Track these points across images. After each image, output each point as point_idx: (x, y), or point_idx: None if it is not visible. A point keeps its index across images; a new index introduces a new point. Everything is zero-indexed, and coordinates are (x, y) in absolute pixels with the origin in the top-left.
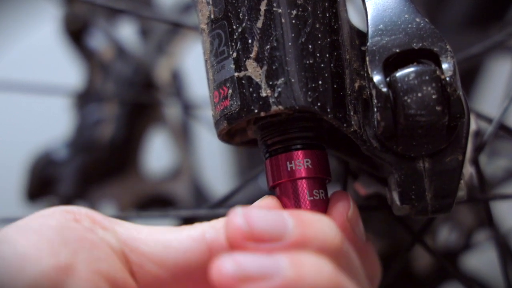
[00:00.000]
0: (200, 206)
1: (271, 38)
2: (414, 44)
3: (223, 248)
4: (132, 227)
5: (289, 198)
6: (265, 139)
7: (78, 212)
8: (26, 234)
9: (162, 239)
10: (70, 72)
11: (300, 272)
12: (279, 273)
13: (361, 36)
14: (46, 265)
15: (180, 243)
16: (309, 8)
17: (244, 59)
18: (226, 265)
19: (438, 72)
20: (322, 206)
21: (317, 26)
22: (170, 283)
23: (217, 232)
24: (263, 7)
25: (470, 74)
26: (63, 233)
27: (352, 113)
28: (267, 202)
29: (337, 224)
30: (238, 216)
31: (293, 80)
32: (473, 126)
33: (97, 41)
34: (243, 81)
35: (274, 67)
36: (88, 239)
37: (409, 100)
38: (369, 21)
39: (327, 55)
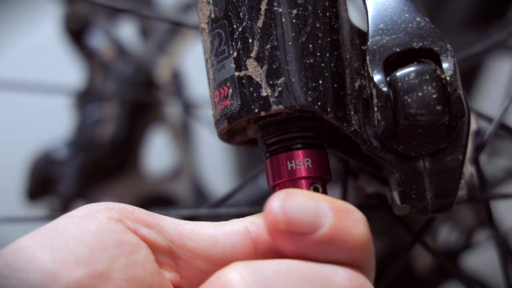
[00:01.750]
0: (200, 206)
1: (272, 38)
2: (415, 44)
3: (267, 242)
4: (177, 223)
5: None
6: (265, 138)
7: (122, 211)
8: (65, 240)
9: (209, 235)
10: (70, 72)
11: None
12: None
13: (362, 35)
14: (82, 273)
15: (226, 239)
16: (310, 8)
17: (245, 59)
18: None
19: (438, 72)
20: None
21: (318, 25)
22: None
23: (258, 227)
24: (263, 6)
25: (470, 73)
26: (102, 237)
27: (352, 113)
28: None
29: (279, 238)
30: (276, 203)
31: (293, 80)
32: (473, 125)
33: (98, 41)
34: (244, 81)
35: (274, 66)
36: (127, 243)
37: (409, 100)
38: (369, 20)
39: (328, 55)
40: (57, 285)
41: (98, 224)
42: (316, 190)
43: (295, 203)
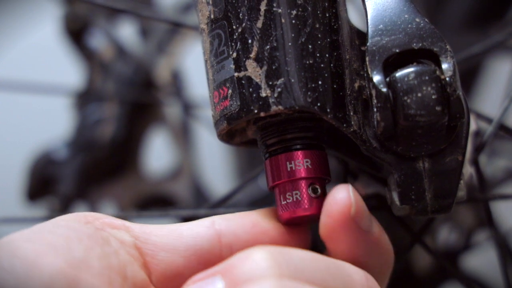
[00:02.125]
0: (200, 206)
1: (271, 38)
2: (414, 44)
3: (233, 235)
4: (143, 224)
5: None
6: (265, 139)
7: (88, 215)
8: (41, 233)
9: (173, 229)
10: (70, 72)
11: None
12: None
13: (361, 36)
14: (62, 261)
15: (190, 230)
16: (309, 8)
17: (244, 59)
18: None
19: (438, 72)
20: (321, 206)
21: (317, 26)
22: (183, 269)
23: (228, 221)
24: (263, 7)
25: (470, 74)
26: (75, 230)
27: (351, 113)
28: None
29: (341, 225)
30: (346, 192)
31: (293, 80)
32: (473, 126)
33: (97, 41)
34: (243, 81)
35: (274, 67)
36: (99, 236)
37: (408, 100)
38: (369, 21)
39: (327, 55)
40: (40, 275)
41: (69, 222)
42: (314, 190)
43: (359, 196)
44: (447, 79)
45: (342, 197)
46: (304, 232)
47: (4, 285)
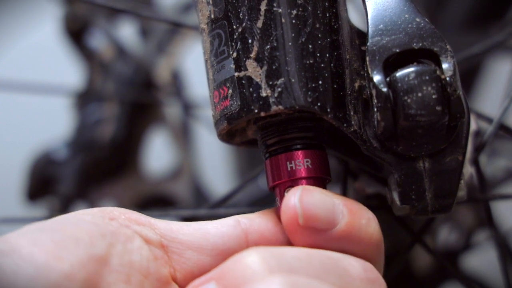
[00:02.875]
0: (200, 206)
1: (271, 38)
2: (414, 44)
3: (259, 234)
4: (167, 222)
5: None
6: (265, 139)
7: (114, 210)
8: (65, 225)
9: (199, 227)
10: (70, 72)
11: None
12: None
13: (361, 36)
14: (84, 255)
15: (217, 229)
16: (309, 8)
17: (244, 59)
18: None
19: (438, 72)
20: None
21: (317, 26)
22: (209, 268)
23: (251, 220)
24: (263, 7)
25: (470, 74)
26: (99, 227)
27: (352, 113)
28: None
29: (296, 231)
30: (294, 198)
31: (293, 80)
32: (473, 126)
33: (97, 41)
34: (243, 81)
35: (274, 67)
36: (122, 233)
37: (409, 100)
38: (369, 21)
39: (327, 55)
40: (60, 266)
41: (94, 217)
42: None
43: (313, 198)
44: (448, 79)
45: (290, 206)
46: None
47: (24, 273)
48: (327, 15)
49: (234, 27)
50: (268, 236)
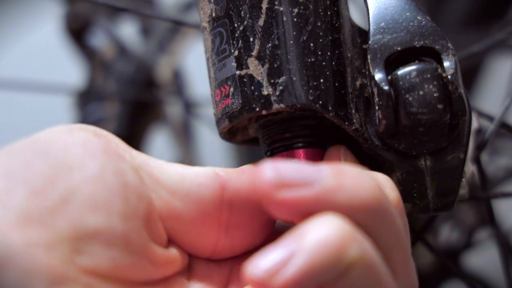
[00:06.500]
0: None
1: (273, 36)
2: (416, 42)
3: (235, 190)
4: (147, 156)
5: None
6: (266, 137)
7: (94, 129)
8: (53, 150)
9: (178, 170)
10: (71, 71)
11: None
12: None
13: (363, 34)
14: (78, 177)
15: (195, 176)
16: (311, 6)
17: (246, 57)
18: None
19: (439, 70)
20: None
21: (319, 24)
22: (180, 214)
23: (229, 175)
24: (264, 5)
25: (471, 72)
26: (88, 147)
27: (353, 111)
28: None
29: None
30: (268, 169)
31: (294, 78)
32: (474, 124)
33: (99, 40)
34: (245, 79)
35: (275, 65)
36: (113, 151)
37: (410, 98)
38: (370, 19)
39: (329, 53)
40: (57, 190)
41: (79, 137)
42: None
43: (287, 163)
44: (449, 77)
45: (261, 169)
46: None
47: (39, 170)
48: (329, 13)
49: (236, 25)
50: (244, 195)
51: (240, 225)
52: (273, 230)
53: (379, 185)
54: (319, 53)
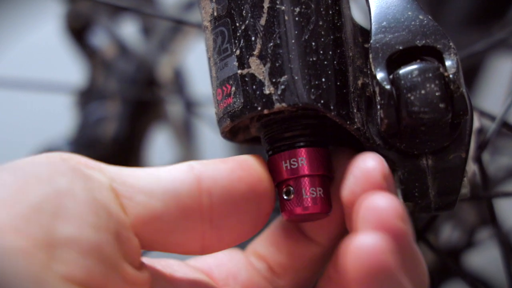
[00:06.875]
0: None
1: (274, 36)
2: (418, 41)
3: (212, 181)
4: (118, 167)
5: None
6: (268, 136)
7: (63, 155)
8: (22, 165)
9: (151, 172)
10: (72, 70)
11: None
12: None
13: (364, 33)
14: (48, 189)
15: (168, 173)
16: (312, 6)
17: (247, 57)
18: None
19: (441, 69)
20: (324, 203)
21: (320, 23)
22: (161, 213)
23: (205, 166)
24: (266, 4)
25: (472, 71)
26: (56, 166)
27: (355, 111)
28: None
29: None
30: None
31: (296, 78)
32: (476, 123)
33: (100, 39)
34: (246, 79)
35: (277, 64)
36: (80, 171)
37: (412, 97)
38: (372, 18)
39: (330, 53)
40: (26, 199)
41: (46, 159)
42: (288, 192)
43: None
44: (451, 76)
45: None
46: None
47: (8, 183)
48: (330, 12)
49: (237, 24)
50: (222, 183)
51: (224, 214)
52: (266, 221)
53: None
54: (321, 52)
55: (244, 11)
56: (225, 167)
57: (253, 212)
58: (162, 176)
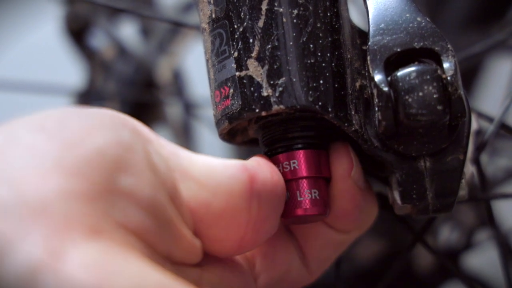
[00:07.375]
0: None
1: (273, 38)
2: (415, 43)
3: (261, 182)
4: (176, 146)
5: (290, 196)
6: (266, 138)
7: (126, 117)
8: (86, 113)
9: (205, 161)
10: (71, 72)
11: None
12: None
13: (362, 35)
14: (112, 137)
15: (225, 168)
16: (310, 8)
17: (245, 59)
18: None
19: (439, 71)
20: (321, 205)
21: (318, 25)
22: (208, 206)
23: (255, 167)
24: (264, 6)
25: (470, 73)
26: (120, 120)
27: (353, 113)
28: None
29: (341, 186)
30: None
31: (294, 80)
32: (474, 125)
33: (98, 41)
34: (244, 81)
35: (275, 66)
36: (141, 133)
37: (410, 100)
38: (370, 20)
39: (328, 55)
40: (93, 140)
41: (113, 113)
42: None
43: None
44: (449, 78)
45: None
46: None
47: (72, 127)
48: (328, 14)
49: (235, 26)
50: (269, 187)
51: (265, 219)
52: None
53: None
54: (319, 54)
55: (242, 13)
56: (268, 170)
57: (279, 215)
58: (217, 169)
